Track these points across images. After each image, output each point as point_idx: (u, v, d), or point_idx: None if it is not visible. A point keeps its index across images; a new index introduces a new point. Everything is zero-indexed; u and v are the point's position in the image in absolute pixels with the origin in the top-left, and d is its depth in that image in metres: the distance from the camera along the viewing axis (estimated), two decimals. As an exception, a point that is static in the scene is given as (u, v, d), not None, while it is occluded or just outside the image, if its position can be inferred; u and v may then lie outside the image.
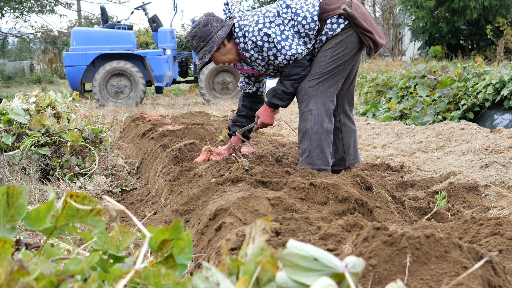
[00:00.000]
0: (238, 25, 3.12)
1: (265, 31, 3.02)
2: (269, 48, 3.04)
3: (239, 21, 3.12)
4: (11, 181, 3.21)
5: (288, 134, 6.33)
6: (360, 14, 3.05)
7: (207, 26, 3.11)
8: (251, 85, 3.45)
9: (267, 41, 3.02)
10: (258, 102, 3.49)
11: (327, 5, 3.04)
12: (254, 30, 3.04)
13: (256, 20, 3.06)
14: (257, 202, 2.02)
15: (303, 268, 0.89)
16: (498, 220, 1.91)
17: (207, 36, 3.10)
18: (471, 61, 11.30)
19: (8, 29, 24.36)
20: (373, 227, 1.30)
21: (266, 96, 3.28)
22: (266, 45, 3.04)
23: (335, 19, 3.03)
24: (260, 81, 3.46)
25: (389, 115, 7.22)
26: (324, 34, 3.06)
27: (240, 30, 3.11)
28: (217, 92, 11.62)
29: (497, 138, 4.39)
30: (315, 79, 3.08)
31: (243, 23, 3.10)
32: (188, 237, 1.06)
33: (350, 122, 3.39)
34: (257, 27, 3.04)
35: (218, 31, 3.11)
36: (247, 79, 3.43)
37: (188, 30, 3.25)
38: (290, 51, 3.02)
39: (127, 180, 3.87)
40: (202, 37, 3.11)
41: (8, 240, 0.91)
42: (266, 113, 3.25)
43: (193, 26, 3.15)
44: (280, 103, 3.18)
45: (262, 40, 3.03)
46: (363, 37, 3.06)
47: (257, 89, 3.46)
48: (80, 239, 1.96)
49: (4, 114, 3.68)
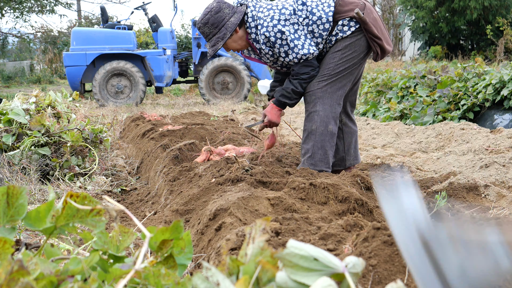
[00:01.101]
0: (252, 15, 3.07)
1: (279, 28, 2.99)
2: (281, 45, 3.02)
3: (252, 11, 3.08)
4: (11, 181, 3.21)
5: (288, 134, 6.33)
6: (372, 19, 3.04)
7: (220, 12, 3.06)
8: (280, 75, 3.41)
9: (280, 37, 3.00)
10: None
11: (341, 6, 3.03)
12: (268, 26, 3.01)
13: (272, 15, 3.02)
14: (257, 202, 2.02)
15: (303, 268, 0.89)
16: (498, 220, 1.91)
17: (219, 22, 3.05)
18: (471, 61, 11.31)
19: (8, 29, 24.35)
20: (373, 227, 1.30)
21: (274, 95, 3.26)
22: (279, 42, 3.01)
23: (347, 21, 3.02)
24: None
25: (389, 115, 7.22)
26: (334, 35, 3.05)
27: (253, 21, 3.07)
28: (217, 92, 11.61)
29: (497, 138, 4.39)
30: (323, 80, 3.07)
31: (257, 15, 3.06)
32: (188, 237, 1.06)
33: (352, 123, 3.39)
34: (271, 22, 3.00)
35: (230, 17, 3.06)
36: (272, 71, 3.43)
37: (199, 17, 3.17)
38: (302, 51, 3.00)
39: (127, 180, 3.87)
40: (214, 23, 3.06)
41: (8, 240, 0.91)
42: (273, 111, 3.24)
43: (205, 12, 3.09)
44: (288, 102, 3.16)
45: (275, 37, 3.00)
46: (372, 42, 3.06)
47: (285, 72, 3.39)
48: (80, 239, 1.96)
49: (4, 114, 3.68)
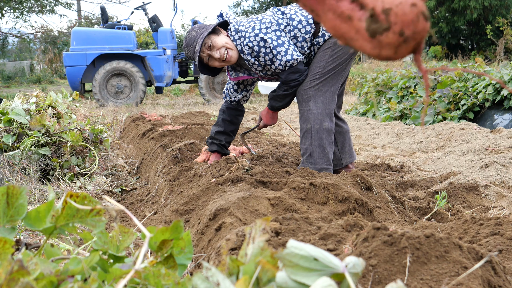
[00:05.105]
0: (235, 29, 3.12)
1: (261, 36, 3.02)
2: (265, 53, 3.05)
3: (235, 25, 3.13)
4: (11, 181, 3.21)
5: (288, 134, 6.33)
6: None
7: (192, 31, 3.14)
8: (238, 93, 3.41)
9: (264, 46, 3.03)
10: (239, 115, 3.48)
11: None
12: (250, 36, 3.04)
13: (253, 26, 3.07)
14: (257, 202, 2.02)
15: (303, 268, 0.89)
16: (498, 220, 1.91)
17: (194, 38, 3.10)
18: (471, 61, 11.30)
19: (8, 29, 24.37)
20: (373, 227, 1.30)
21: (268, 99, 3.33)
22: (263, 50, 3.04)
23: None
24: (248, 90, 3.43)
25: (389, 115, 7.22)
26: (321, 36, 3.08)
27: (236, 33, 3.11)
28: (217, 92, 11.61)
29: (497, 138, 4.39)
30: (316, 79, 3.08)
31: (238, 28, 3.11)
32: (188, 237, 1.06)
33: (342, 122, 3.40)
34: (253, 32, 3.04)
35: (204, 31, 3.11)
36: (236, 85, 3.39)
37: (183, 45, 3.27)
38: (285, 57, 3.02)
39: (127, 180, 3.87)
40: (189, 41, 3.12)
41: (8, 240, 0.91)
42: (268, 115, 3.39)
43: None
44: (279, 105, 3.26)
45: (259, 46, 3.03)
46: None
47: (242, 97, 3.43)
48: (80, 239, 1.96)
49: (5, 114, 3.68)
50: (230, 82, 3.41)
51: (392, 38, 0.80)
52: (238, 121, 3.48)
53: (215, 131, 3.45)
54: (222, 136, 3.43)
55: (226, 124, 3.44)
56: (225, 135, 3.43)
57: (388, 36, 0.80)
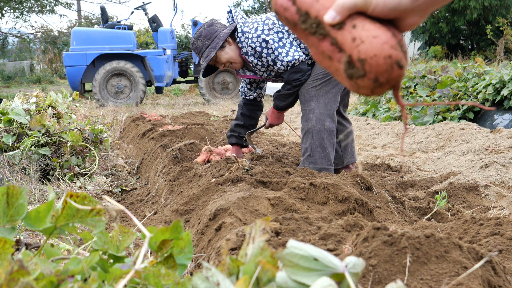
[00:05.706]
0: (241, 30, 3.19)
1: (263, 37, 3.08)
2: (267, 54, 3.11)
3: (241, 27, 3.20)
4: (11, 181, 3.21)
5: (288, 134, 6.33)
6: None
7: (212, 26, 3.21)
8: (252, 91, 3.54)
9: (266, 47, 3.09)
10: (257, 110, 3.60)
11: None
12: (253, 37, 3.11)
13: (256, 27, 3.13)
14: (257, 202, 2.02)
15: (303, 268, 0.89)
16: (498, 220, 1.90)
17: (212, 34, 3.18)
18: (471, 61, 11.30)
19: (8, 29, 24.37)
20: (373, 227, 1.30)
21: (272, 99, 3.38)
22: (265, 51, 3.10)
23: None
24: (261, 87, 3.56)
25: (389, 115, 7.22)
26: None
27: (242, 35, 3.18)
28: (217, 92, 11.62)
29: (497, 138, 4.39)
30: (318, 79, 3.10)
31: (244, 29, 3.18)
32: (188, 237, 1.06)
33: (346, 122, 3.43)
34: (256, 33, 3.10)
35: (222, 30, 3.20)
36: (249, 85, 3.53)
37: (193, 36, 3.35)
38: (287, 58, 3.07)
39: (127, 180, 3.87)
40: (207, 35, 3.18)
41: (8, 240, 0.91)
42: (273, 115, 3.45)
43: (198, 29, 3.26)
44: (284, 104, 3.30)
45: (261, 46, 3.09)
46: None
47: (258, 95, 3.56)
48: (80, 239, 1.96)
49: (5, 114, 3.68)
50: (244, 80, 3.55)
51: (368, 83, 0.84)
52: (257, 115, 3.60)
53: (234, 124, 3.57)
54: (242, 129, 3.55)
55: (245, 118, 3.55)
56: (244, 128, 3.56)
57: (364, 81, 0.84)
